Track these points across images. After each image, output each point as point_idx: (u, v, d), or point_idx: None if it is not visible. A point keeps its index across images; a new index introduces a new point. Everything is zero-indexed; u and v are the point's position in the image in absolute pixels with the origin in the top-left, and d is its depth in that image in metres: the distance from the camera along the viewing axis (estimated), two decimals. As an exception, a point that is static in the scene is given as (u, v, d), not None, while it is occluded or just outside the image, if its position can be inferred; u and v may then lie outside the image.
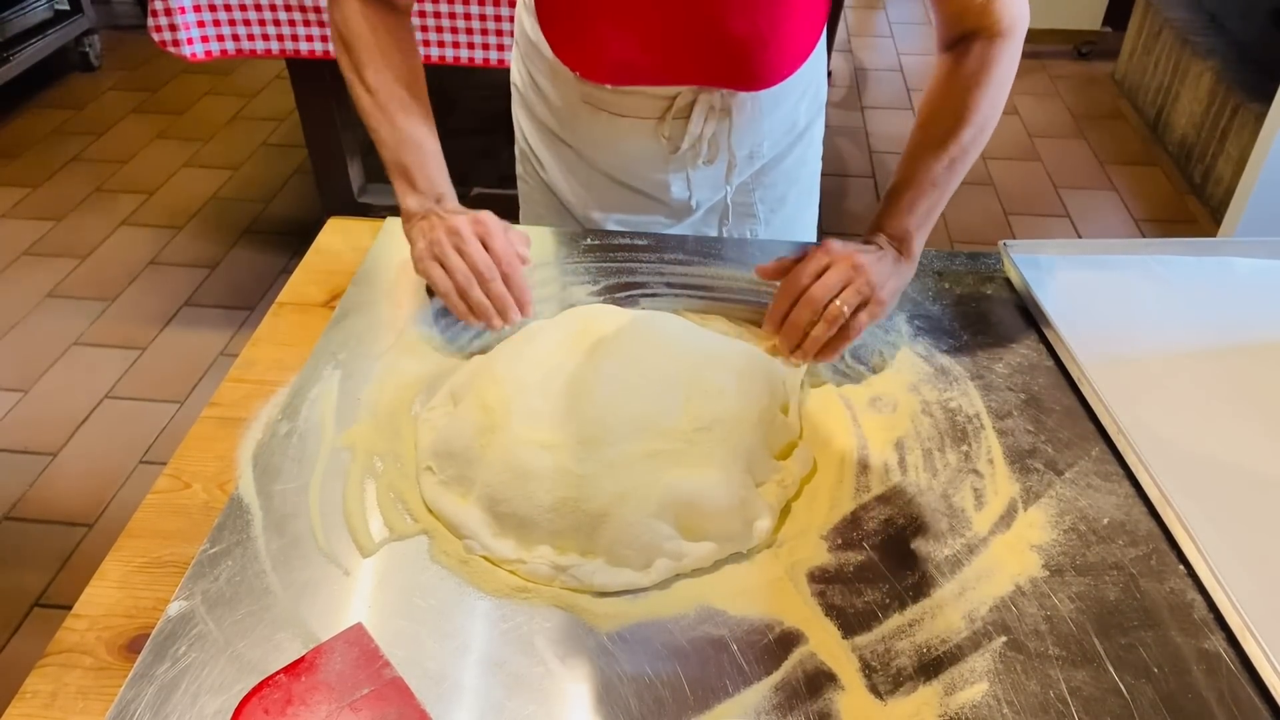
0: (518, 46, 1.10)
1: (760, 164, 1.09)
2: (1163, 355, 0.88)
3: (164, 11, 1.85)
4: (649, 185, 1.08)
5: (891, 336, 0.91)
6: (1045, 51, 3.79)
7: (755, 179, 1.11)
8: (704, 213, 1.12)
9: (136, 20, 3.87)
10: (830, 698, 0.60)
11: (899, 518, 0.73)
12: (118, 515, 1.87)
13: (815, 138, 1.15)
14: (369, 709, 0.57)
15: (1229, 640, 0.64)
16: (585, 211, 1.11)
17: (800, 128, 1.10)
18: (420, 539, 0.71)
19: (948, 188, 0.92)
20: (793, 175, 1.13)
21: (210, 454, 0.78)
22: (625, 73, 0.96)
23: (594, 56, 0.96)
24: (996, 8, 0.87)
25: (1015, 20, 0.89)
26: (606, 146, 1.05)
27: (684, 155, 1.04)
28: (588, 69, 0.97)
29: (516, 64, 1.12)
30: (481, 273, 0.86)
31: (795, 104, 1.07)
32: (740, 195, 1.12)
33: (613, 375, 0.74)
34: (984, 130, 0.91)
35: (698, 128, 1.01)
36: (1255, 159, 2.22)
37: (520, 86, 1.11)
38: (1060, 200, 2.90)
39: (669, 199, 1.09)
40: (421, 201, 0.92)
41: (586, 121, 1.04)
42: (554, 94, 1.05)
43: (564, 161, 1.10)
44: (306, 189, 2.89)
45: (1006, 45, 0.89)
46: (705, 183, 1.08)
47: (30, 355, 2.26)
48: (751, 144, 1.06)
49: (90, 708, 0.61)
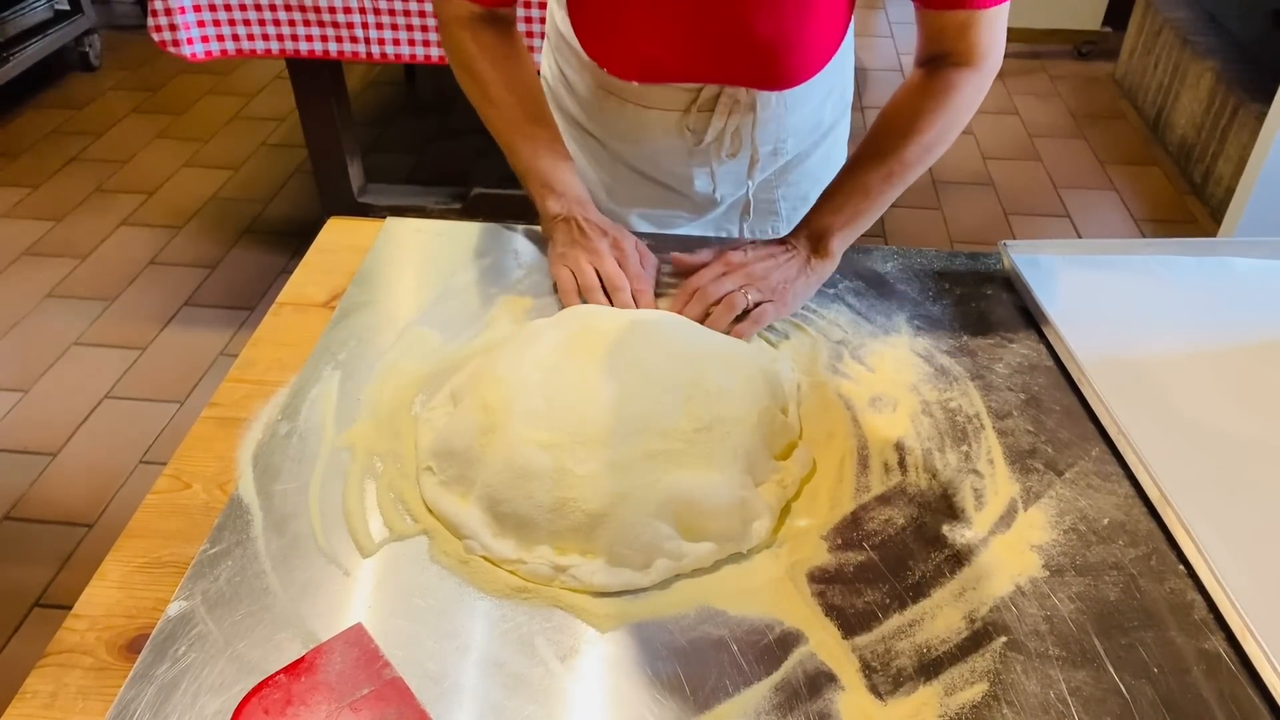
0: (548, 39, 1.12)
1: (784, 160, 1.10)
2: (1163, 355, 0.88)
3: (164, 11, 1.85)
4: (673, 179, 1.09)
5: (891, 336, 0.91)
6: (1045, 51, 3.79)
7: (779, 176, 1.12)
8: (726, 208, 1.13)
9: (136, 20, 3.87)
10: (830, 698, 0.60)
11: (899, 518, 0.73)
12: (118, 515, 1.87)
13: (840, 137, 1.16)
14: (369, 709, 0.57)
15: (1229, 640, 0.64)
16: (609, 204, 1.12)
17: (825, 126, 1.11)
18: (420, 539, 0.70)
19: (881, 199, 0.94)
20: (816, 174, 1.13)
21: (210, 454, 0.78)
22: (652, 70, 0.98)
23: (622, 54, 0.97)
24: (973, 34, 0.88)
25: (988, 53, 0.90)
26: (631, 138, 1.07)
27: (708, 149, 1.05)
28: (616, 66, 0.99)
29: (546, 56, 1.14)
30: (613, 281, 0.90)
31: (821, 102, 1.08)
32: (763, 192, 1.12)
33: (613, 376, 0.74)
34: (930, 150, 0.93)
35: (721, 121, 1.02)
36: (1255, 159, 2.22)
37: (550, 79, 1.13)
38: (1060, 200, 2.90)
39: (692, 193, 1.10)
40: (563, 204, 0.95)
41: (613, 113, 1.06)
42: (581, 85, 1.07)
43: (590, 153, 1.12)
44: (306, 189, 2.89)
45: (973, 77, 0.91)
46: (729, 177, 1.09)
47: (30, 355, 2.26)
48: (775, 140, 1.07)
49: (90, 708, 0.61)
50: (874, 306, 0.94)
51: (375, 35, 1.97)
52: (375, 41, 1.98)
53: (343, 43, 1.99)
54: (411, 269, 0.99)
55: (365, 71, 3.56)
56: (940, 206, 2.85)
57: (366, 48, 1.99)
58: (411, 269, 0.99)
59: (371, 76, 3.56)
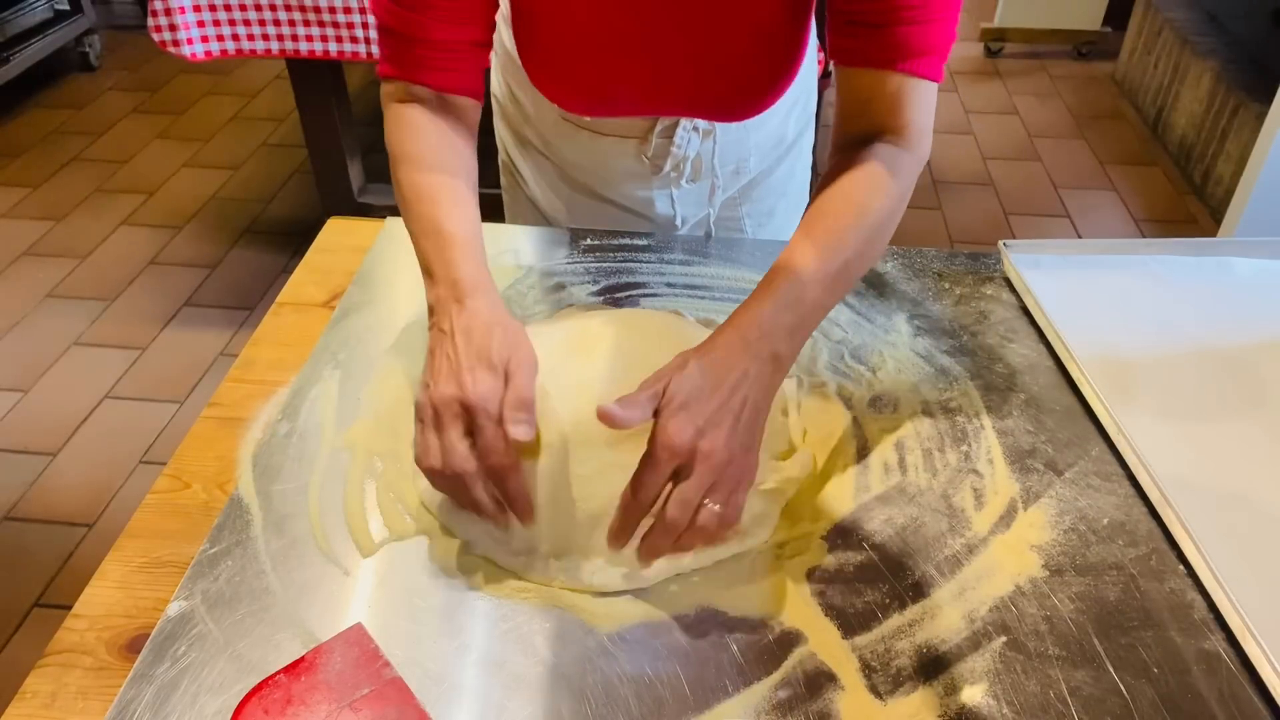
0: (496, 58, 1.07)
1: (747, 179, 1.08)
2: (1163, 355, 0.88)
3: (164, 11, 1.85)
4: (632, 202, 1.06)
5: (891, 336, 0.91)
6: (1045, 51, 3.80)
7: (742, 194, 1.09)
8: (689, 228, 1.10)
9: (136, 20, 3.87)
10: (830, 698, 0.60)
11: (899, 518, 0.73)
12: (118, 515, 1.87)
13: (805, 149, 1.12)
14: (369, 709, 0.57)
15: (1229, 640, 0.64)
16: (569, 224, 1.09)
17: (789, 140, 1.08)
18: (420, 539, 0.71)
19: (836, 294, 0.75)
20: (780, 188, 1.11)
21: (210, 454, 0.78)
22: (604, 106, 0.94)
23: (572, 90, 0.93)
24: (906, 108, 0.76)
25: (920, 135, 0.78)
26: (588, 163, 1.04)
27: (667, 175, 1.02)
28: (567, 102, 0.95)
29: (495, 75, 1.09)
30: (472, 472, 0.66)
31: (784, 119, 1.05)
32: (727, 210, 1.10)
33: (613, 375, 0.73)
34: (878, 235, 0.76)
35: (681, 149, 0.99)
36: (1255, 159, 2.22)
37: (500, 98, 1.09)
38: (1060, 200, 2.90)
39: (653, 215, 1.07)
40: (435, 293, 0.74)
41: (567, 138, 1.02)
42: (533, 109, 1.03)
43: (545, 176, 1.08)
44: (306, 189, 2.89)
45: (909, 159, 0.77)
46: (690, 199, 1.06)
47: (30, 355, 2.26)
48: (737, 159, 1.04)
49: (90, 708, 0.61)
50: (874, 306, 0.94)
51: (375, 35, 1.97)
52: (375, 42, 1.98)
53: (343, 43, 1.99)
54: (411, 269, 0.98)
55: (365, 71, 3.56)
56: (940, 206, 2.85)
57: (366, 48, 1.99)
58: (411, 269, 0.98)
59: (371, 76, 3.56)
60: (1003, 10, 3.73)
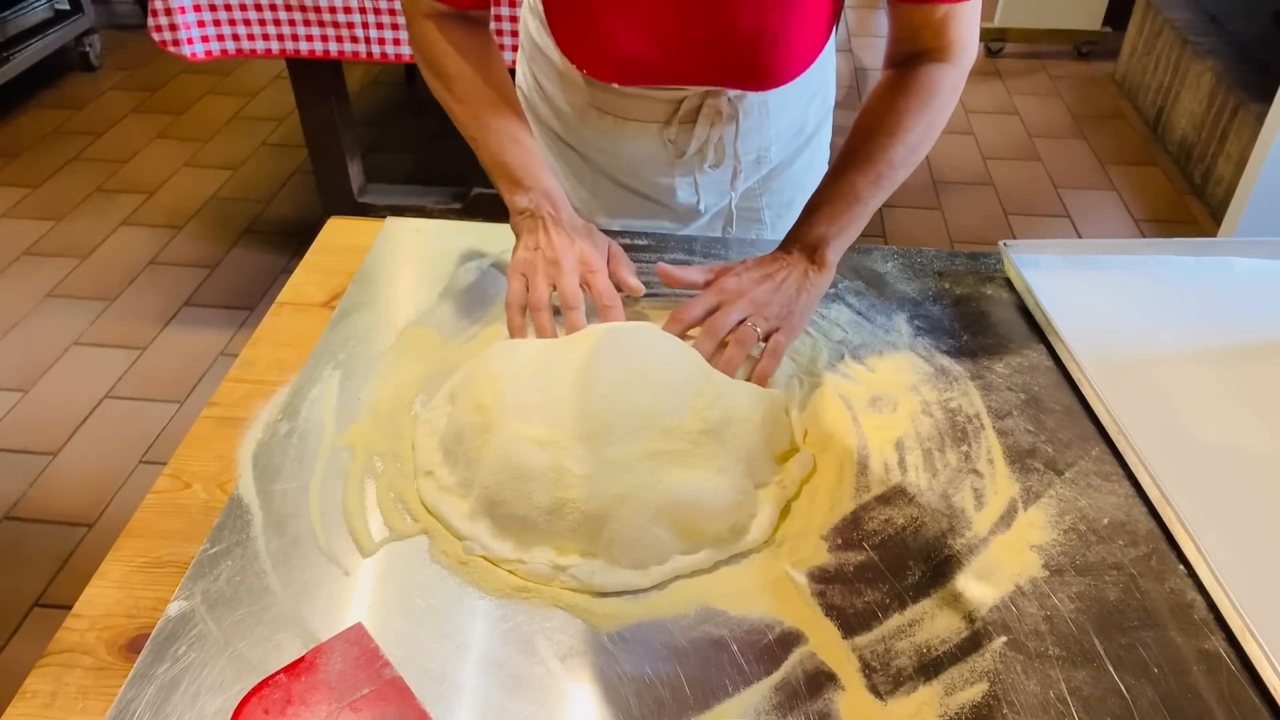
0: (523, 50, 1.10)
1: (768, 168, 1.09)
2: (1163, 355, 0.88)
3: (164, 11, 1.85)
4: (655, 190, 1.08)
5: (891, 336, 0.91)
6: (1045, 51, 3.79)
7: (762, 184, 1.11)
8: (710, 217, 1.12)
9: (136, 20, 3.87)
10: (830, 698, 0.60)
11: (899, 518, 0.73)
12: (118, 515, 1.87)
13: (823, 142, 1.14)
14: (369, 709, 0.57)
15: (1229, 640, 0.64)
16: (591, 217, 1.10)
17: (809, 131, 1.10)
18: (420, 539, 0.70)
19: (871, 203, 0.90)
20: (800, 180, 1.12)
21: (210, 454, 0.78)
22: (633, 71, 0.96)
23: (602, 54, 0.95)
24: (951, 29, 0.87)
25: (965, 49, 0.89)
26: (612, 150, 1.05)
27: (690, 159, 1.04)
28: (595, 68, 0.97)
29: (522, 67, 1.12)
30: (568, 299, 0.83)
31: (804, 107, 1.07)
32: (746, 200, 1.11)
33: (614, 370, 0.72)
34: (915, 151, 0.90)
35: (704, 132, 1.01)
36: (1255, 159, 2.22)
37: (525, 91, 1.11)
38: (1060, 200, 2.90)
39: (675, 204, 1.09)
40: (530, 198, 0.89)
41: (593, 125, 1.04)
42: (560, 97, 1.05)
43: (570, 166, 1.10)
44: (306, 189, 2.89)
45: (951, 73, 0.90)
46: (712, 187, 1.08)
47: (30, 355, 2.26)
48: (759, 147, 1.06)
49: (90, 708, 0.61)
50: (874, 306, 0.94)
51: (375, 35, 1.97)
52: (375, 41, 1.98)
53: (343, 43, 1.99)
54: (411, 269, 0.99)
55: (365, 71, 3.56)
56: (940, 206, 2.85)
57: (366, 47, 1.99)
58: (411, 269, 0.99)
59: (371, 76, 3.56)
60: (1003, 10, 3.73)
